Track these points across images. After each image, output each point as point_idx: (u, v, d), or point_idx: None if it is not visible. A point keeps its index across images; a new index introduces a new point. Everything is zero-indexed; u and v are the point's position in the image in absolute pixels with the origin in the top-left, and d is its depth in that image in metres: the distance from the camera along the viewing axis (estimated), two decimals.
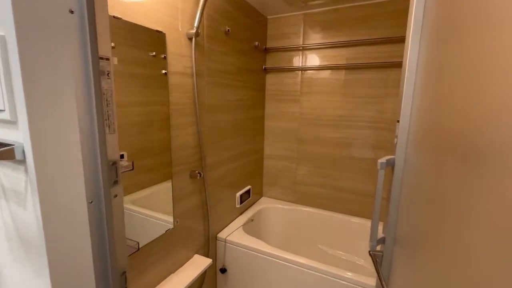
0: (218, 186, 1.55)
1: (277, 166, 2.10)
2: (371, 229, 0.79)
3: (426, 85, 0.64)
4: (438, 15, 0.59)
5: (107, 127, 0.42)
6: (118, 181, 0.46)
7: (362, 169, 1.80)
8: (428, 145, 0.60)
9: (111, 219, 0.45)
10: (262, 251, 1.46)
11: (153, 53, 1.04)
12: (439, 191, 0.54)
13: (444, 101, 0.53)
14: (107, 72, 0.42)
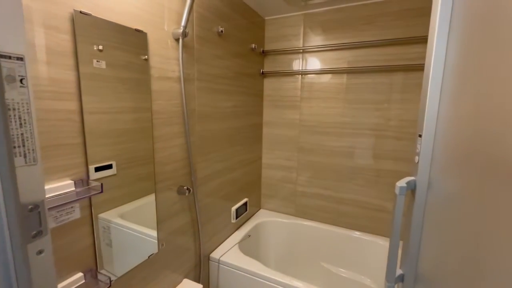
0: (211, 202, 1.41)
1: (276, 176, 1.96)
2: (387, 267, 0.65)
3: (460, 92, 0.51)
4: (478, 5, 0.47)
5: (20, 157, 0.30)
6: (44, 231, 0.32)
7: (366, 180, 1.67)
8: (467, 168, 0.47)
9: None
10: (258, 274, 1.31)
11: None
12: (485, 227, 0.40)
13: (495, 111, 0.40)
14: (20, 78, 0.29)
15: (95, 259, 0.82)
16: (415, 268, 0.65)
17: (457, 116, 0.51)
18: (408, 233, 0.64)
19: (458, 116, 0.51)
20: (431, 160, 0.60)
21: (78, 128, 0.74)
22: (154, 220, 1.05)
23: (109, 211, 0.86)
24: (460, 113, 0.50)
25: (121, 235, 0.91)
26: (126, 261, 0.94)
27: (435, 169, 0.59)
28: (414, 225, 0.63)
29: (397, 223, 0.60)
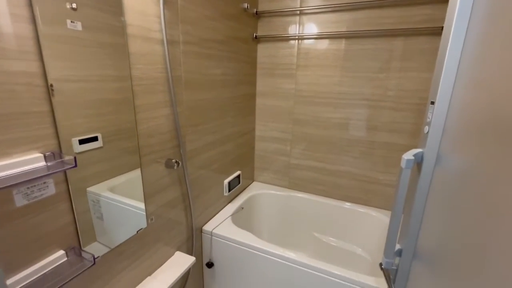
0: (202, 175, 1.36)
1: (270, 149, 1.91)
2: (387, 241, 0.62)
3: (486, 52, 0.43)
4: None
5: None
6: None
7: (360, 152, 1.63)
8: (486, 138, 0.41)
9: None
10: (251, 245, 1.31)
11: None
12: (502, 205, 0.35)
13: None
14: None
15: (78, 237, 0.77)
16: (415, 244, 0.63)
17: (480, 79, 0.44)
18: (410, 208, 0.60)
19: (481, 80, 0.44)
20: (442, 130, 0.54)
21: (43, 94, 0.64)
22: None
23: (98, 185, 0.82)
24: (484, 77, 0.43)
25: (112, 209, 0.88)
26: (117, 235, 0.91)
27: (446, 140, 0.53)
28: (418, 200, 0.58)
29: (401, 197, 0.56)
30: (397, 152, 1.54)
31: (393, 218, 0.59)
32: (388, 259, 0.63)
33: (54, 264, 0.71)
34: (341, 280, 1.13)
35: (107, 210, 0.86)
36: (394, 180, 1.60)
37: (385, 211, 1.63)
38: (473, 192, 0.43)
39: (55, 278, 0.68)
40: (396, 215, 0.58)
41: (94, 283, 0.85)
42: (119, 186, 0.90)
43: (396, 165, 1.57)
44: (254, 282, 1.37)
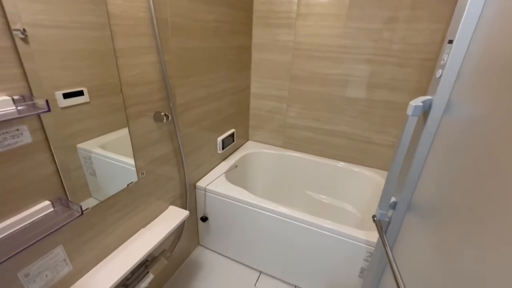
0: (194, 131, 1.31)
1: (265, 107, 1.84)
2: (383, 193, 0.60)
3: None
4: None
5: None
6: None
7: (358, 111, 1.58)
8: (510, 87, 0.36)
9: None
10: (245, 201, 1.32)
11: None
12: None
13: None
14: None
15: (63, 188, 0.74)
16: (410, 197, 0.61)
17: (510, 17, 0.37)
18: (411, 160, 0.58)
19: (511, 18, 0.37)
20: (457, 75, 0.49)
21: (1, 25, 0.55)
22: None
23: (89, 142, 0.80)
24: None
25: (104, 165, 0.87)
26: (110, 190, 0.91)
27: (460, 86, 0.48)
28: (420, 151, 0.55)
29: (403, 147, 0.52)
30: (396, 111, 1.50)
31: (393, 170, 0.57)
32: (383, 211, 0.62)
33: (40, 213, 0.69)
34: (331, 233, 1.17)
35: (99, 167, 0.85)
36: (390, 140, 1.58)
37: (379, 171, 1.64)
38: (482, 144, 0.40)
39: (42, 226, 0.66)
40: (396, 166, 0.56)
41: (86, 233, 0.85)
42: (111, 143, 0.88)
43: (393, 125, 1.53)
44: (247, 236, 1.42)
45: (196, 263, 1.54)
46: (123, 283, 1.01)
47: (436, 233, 0.50)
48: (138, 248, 1.00)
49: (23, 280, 0.70)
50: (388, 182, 0.58)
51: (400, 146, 0.53)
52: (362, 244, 1.12)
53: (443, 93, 0.50)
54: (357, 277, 1.20)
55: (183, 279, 1.44)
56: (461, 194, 0.44)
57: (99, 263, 0.93)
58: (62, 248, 0.78)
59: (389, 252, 0.56)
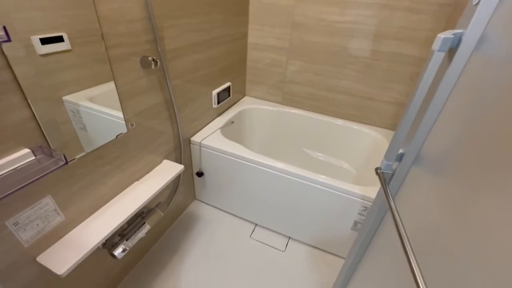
0: (187, 82, 1.21)
1: (264, 60, 1.71)
2: (391, 144, 0.56)
3: None
4: None
5: None
6: None
7: (363, 64, 1.48)
8: None
9: None
10: (241, 156, 1.29)
11: None
12: None
13: None
14: None
15: (43, 136, 0.68)
16: (420, 148, 0.57)
17: None
18: (427, 105, 0.52)
19: None
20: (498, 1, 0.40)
21: None
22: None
23: (75, 94, 0.74)
24: None
25: (93, 119, 0.82)
26: (100, 143, 0.86)
27: (502, 15, 0.40)
28: (439, 95, 0.49)
29: (423, 89, 0.46)
30: (403, 65, 1.40)
31: (407, 116, 0.51)
32: (389, 162, 0.58)
33: (21, 161, 0.64)
34: (327, 188, 1.16)
35: (89, 121, 0.81)
36: (393, 97, 1.51)
37: (379, 129, 1.61)
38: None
39: (25, 173, 0.62)
40: (412, 112, 0.50)
41: (76, 184, 0.82)
42: (100, 97, 0.82)
43: (398, 80, 1.45)
44: (243, 190, 1.42)
45: (193, 216, 1.57)
46: (120, 233, 1.02)
47: (445, 186, 0.47)
48: (132, 199, 0.99)
49: (12, 228, 0.68)
50: (400, 131, 0.53)
51: (420, 88, 0.46)
52: (357, 199, 1.12)
53: (478, 25, 0.42)
54: (350, 229, 1.24)
55: (180, 231, 1.48)
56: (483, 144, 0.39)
57: (93, 213, 0.92)
58: (51, 198, 0.75)
59: (391, 203, 0.54)
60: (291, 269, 1.31)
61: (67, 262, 0.76)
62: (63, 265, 0.75)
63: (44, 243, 0.78)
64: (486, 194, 0.36)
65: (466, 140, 0.43)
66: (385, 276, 0.67)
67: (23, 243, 0.72)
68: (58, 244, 0.81)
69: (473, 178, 0.40)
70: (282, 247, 1.42)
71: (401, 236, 0.47)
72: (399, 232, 0.48)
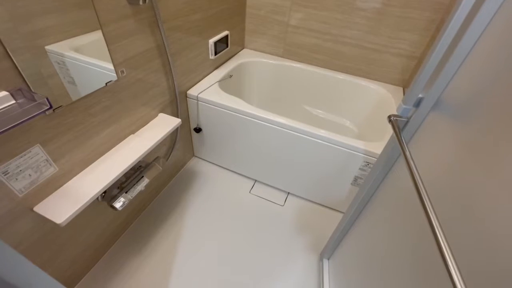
0: (181, 26, 1.10)
1: (266, 6, 1.55)
2: (413, 85, 0.50)
3: None
4: None
5: None
6: None
7: (376, 11, 1.34)
8: None
9: None
10: (240, 110, 1.23)
11: None
12: None
13: None
14: None
15: (22, 77, 0.61)
16: (441, 92, 0.52)
17: None
18: (457, 42, 0.45)
19: None
20: None
21: None
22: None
23: (58, 44, 0.67)
24: None
25: (81, 71, 0.75)
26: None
27: None
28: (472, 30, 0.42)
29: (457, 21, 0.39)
30: (418, 11, 1.27)
31: (434, 55, 0.45)
32: (407, 106, 0.53)
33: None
34: (328, 143, 1.13)
35: (76, 73, 0.74)
36: (404, 49, 1.40)
37: (386, 85, 1.53)
38: None
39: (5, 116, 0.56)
40: (440, 50, 0.44)
41: (66, 134, 0.77)
42: (86, 47, 0.74)
43: (410, 29, 1.33)
44: (242, 146, 1.39)
45: (192, 173, 1.57)
46: (118, 185, 1.00)
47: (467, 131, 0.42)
48: (129, 152, 0.95)
49: (3, 177, 0.65)
50: (423, 72, 0.47)
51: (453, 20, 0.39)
52: (360, 154, 1.10)
53: None
54: (349, 185, 1.24)
55: (179, 187, 1.49)
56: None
57: (89, 165, 0.88)
58: (40, 147, 0.71)
59: (406, 150, 0.50)
60: (289, 222, 1.35)
61: (66, 212, 0.74)
62: (62, 214, 0.74)
63: (40, 194, 0.76)
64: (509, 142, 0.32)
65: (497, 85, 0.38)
66: (386, 227, 0.67)
67: (16, 193, 0.69)
68: (55, 194, 0.79)
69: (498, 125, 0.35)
70: (281, 201, 1.44)
71: (416, 182, 0.44)
72: (414, 178, 0.45)
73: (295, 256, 1.21)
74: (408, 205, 0.57)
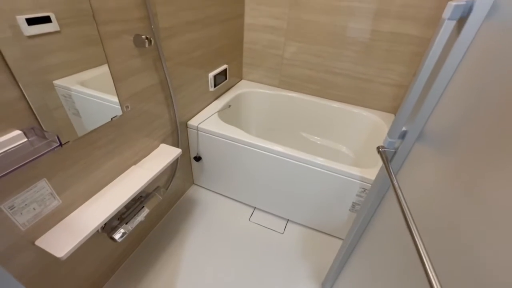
0: (182, 62, 1.18)
1: (261, 41, 1.66)
2: (395, 121, 0.55)
3: None
4: None
5: None
6: None
7: (364, 45, 1.44)
8: None
9: None
10: (239, 139, 1.28)
11: None
12: None
13: None
14: None
15: (35, 117, 0.66)
16: (424, 124, 0.56)
17: None
18: (433, 79, 0.50)
19: None
20: None
21: None
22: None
23: (66, 78, 0.71)
24: None
25: (86, 104, 0.79)
26: (93, 127, 0.84)
27: None
28: (446, 68, 0.47)
29: (432, 60, 0.45)
30: (403, 45, 1.37)
31: (413, 92, 0.50)
32: (392, 139, 0.57)
33: (13, 143, 0.62)
34: (325, 170, 1.16)
35: (82, 106, 0.78)
36: (393, 79, 1.48)
37: (378, 112, 1.59)
38: None
39: (17, 155, 0.60)
40: (418, 87, 0.49)
41: (71, 168, 0.80)
42: (91, 81, 0.79)
43: (398, 61, 1.42)
44: (241, 174, 1.41)
45: (192, 201, 1.57)
46: (118, 216, 1.01)
47: (449, 162, 0.46)
48: (130, 183, 0.97)
49: (8, 212, 0.67)
50: (405, 107, 0.52)
51: (427, 60, 0.45)
52: (356, 180, 1.13)
53: None
54: (348, 211, 1.25)
55: (179, 215, 1.49)
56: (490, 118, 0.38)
57: (91, 197, 0.91)
58: (46, 181, 0.74)
59: (394, 181, 0.54)
60: (290, 251, 1.34)
61: (67, 245, 0.75)
62: (62, 248, 0.75)
63: (43, 227, 0.77)
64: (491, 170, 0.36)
65: (472, 116, 0.42)
66: (383, 255, 0.68)
67: (20, 227, 0.71)
68: (57, 227, 0.80)
69: (478, 154, 0.39)
70: (280, 229, 1.44)
71: (404, 213, 0.47)
72: (402, 209, 0.48)
73: (297, 285, 1.19)
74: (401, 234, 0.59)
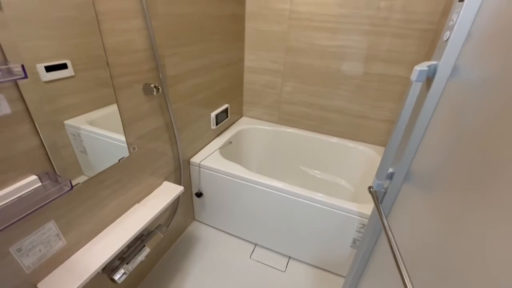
0: (187, 105, 1.26)
1: (260, 82, 1.79)
2: (381, 164, 0.59)
3: None
4: None
5: None
6: None
7: (356, 86, 1.55)
8: None
9: None
10: (240, 176, 1.32)
11: None
12: None
13: None
14: None
15: (50, 162, 0.71)
16: (408, 167, 0.61)
17: None
18: (411, 128, 0.56)
19: None
20: (467, 35, 0.46)
21: None
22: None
23: (76, 118, 0.76)
24: None
25: (94, 142, 0.84)
26: (101, 167, 0.89)
27: (468, 49, 0.45)
28: (421, 119, 0.53)
29: (406, 115, 0.51)
30: (392, 85, 1.47)
31: (393, 139, 0.55)
32: (380, 181, 0.61)
33: (28, 188, 0.66)
34: (325, 206, 1.18)
35: (89, 144, 0.83)
36: (385, 115, 1.57)
37: (373, 146, 1.65)
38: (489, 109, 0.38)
39: (31, 200, 0.64)
40: (397, 135, 0.54)
41: (78, 208, 0.83)
42: (99, 120, 0.84)
43: (389, 99, 1.51)
44: (242, 210, 1.43)
45: (192, 237, 1.56)
46: (120, 256, 1.02)
47: (435, 202, 0.50)
48: (133, 222, 1.00)
49: (16, 255, 0.69)
50: (388, 152, 0.57)
51: (402, 114, 0.51)
52: (355, 216, 1.14)
53: (450, 57, 0.48)
54: (349, 247, 1.24)
55: (180, 252, 1.47)
56: (464, 161, 0.43)
57: (94, 237, 0.92)
58: (54, 223, 0.77)
59: (384, 221, 0.57)
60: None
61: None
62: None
63: (45, 269, 0.78)
64: (472, 207, 0.39)
65: (449, 158, 0.47)
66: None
67: (25, 269, 0.72)
68: (59, 269, 0.81)
69: (459, 192, 0.43)
70: (282, 267, 1.41)
71: (394, 254, 0.49)
72: (393, 250, 0.50)
73: None
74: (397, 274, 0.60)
